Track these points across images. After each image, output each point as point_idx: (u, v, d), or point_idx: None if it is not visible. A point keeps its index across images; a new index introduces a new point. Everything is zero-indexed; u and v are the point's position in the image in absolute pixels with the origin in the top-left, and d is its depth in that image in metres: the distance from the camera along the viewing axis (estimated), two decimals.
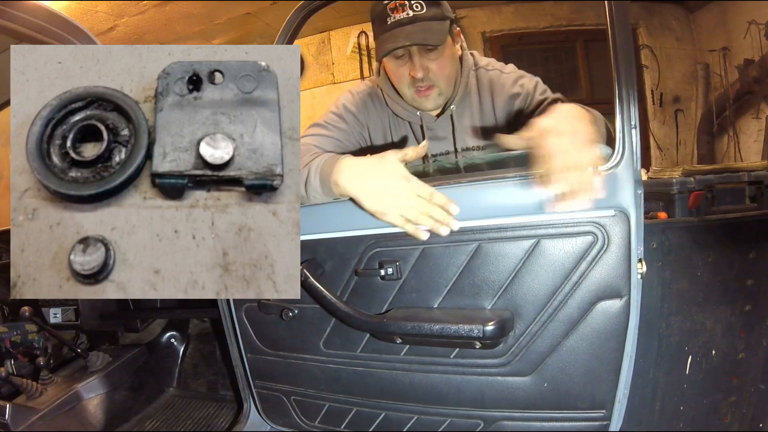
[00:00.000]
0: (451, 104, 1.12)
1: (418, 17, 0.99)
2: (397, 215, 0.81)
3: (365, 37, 3.68)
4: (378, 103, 1.20)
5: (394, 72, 1.09)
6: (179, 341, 1.86)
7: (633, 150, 0.75)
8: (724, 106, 3.30)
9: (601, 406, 0.82)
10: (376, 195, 0.81)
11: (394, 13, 1.00)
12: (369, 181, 0.82)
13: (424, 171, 1.13)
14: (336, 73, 3.81)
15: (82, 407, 1.45)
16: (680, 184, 1.07)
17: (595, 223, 0.76)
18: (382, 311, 0.91)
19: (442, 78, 1.07)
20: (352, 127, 1.17)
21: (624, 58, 0.76)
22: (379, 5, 1.03)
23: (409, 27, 0.99)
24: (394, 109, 1.16)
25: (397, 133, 1.20)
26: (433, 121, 1.14)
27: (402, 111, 1.15)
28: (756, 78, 3.02)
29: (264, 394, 1.15)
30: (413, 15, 0.99)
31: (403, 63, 1.05)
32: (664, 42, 3.52)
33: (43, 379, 1.45)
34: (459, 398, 0.91)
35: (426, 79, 1.05)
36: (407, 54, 1.04)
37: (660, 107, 3.56)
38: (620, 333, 0.78)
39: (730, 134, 3.30)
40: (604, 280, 0.77)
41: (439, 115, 1.15)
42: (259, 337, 1.09)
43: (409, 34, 0.99)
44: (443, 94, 1.10)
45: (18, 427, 1.27)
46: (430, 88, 1.07)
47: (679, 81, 3.55)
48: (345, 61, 3.78)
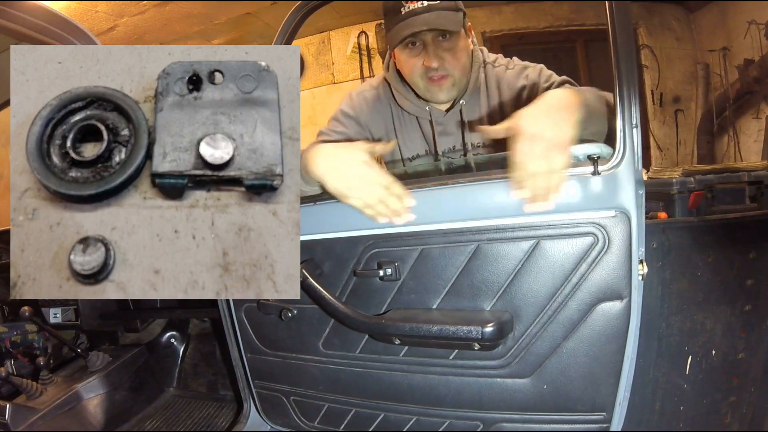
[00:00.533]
0: (460, 99, 1.12)
1: (432, 7, 1.00)
2: (358, 198, 0.82)
3: (365, 37, 3.68)
4: (380, 102, 1.20)
5: (405, 63, 1.09)
6: (179, 341, 1.86)
7: (634, 150, 0.74)
8: (724, 106, 3.30)
9: (601, 409, 0.82)
10: (340, 177, 0.83)
11: (409, 3, 1.01)
12: (334, 164, 0.84)
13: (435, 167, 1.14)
14: (336, 73, 3.81)
15: (82, 407, 1.45)
16: (680, 184, 1.06)
17: (595, 223, 0.76)
18: (381, 312, 0.91)
19: (457, 68, 1.07)
20: (353, 130, 1.18)
21: (625, 58, 0.75)
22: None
23: (425, 15, 1.00)
24: (402, 105, 1.16)
25: (403, 129, 1.20)
26: (442, 116, 1.14)
27: (410, 106, 1.15)
28: (756, 78, 3.01)
29: (264, 394, 1.15)
30: (428, 5, 1.00)
31: (417, 53, 1.06)
32: (664, 42, 3.52)
33: (43, 379, 1.45)
34: (458, 400, 0.91)
35: (441, 69, 1.05)
36: (421, 44, 1.04)
37: (660, 107, 3.55)
38: (621, 335, 0.78)
39: (730, 134, 3.30)
40: (604, 281, 0.77)
41: (448, 110, 1.14)
42: (259, 338, 1.09)
43: (426, 21, 1.00)
44: (456, 85, 1.09)
45: (18, 427, 1.27)
46: (444, 78, 1.07)
47: (679, 81, 3.55)
48: (345, 61, 3.78)
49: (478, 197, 0.82)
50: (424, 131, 1.19)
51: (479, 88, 1.15)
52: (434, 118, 1.14)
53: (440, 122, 1.15)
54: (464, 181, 0.84)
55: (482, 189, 0.82)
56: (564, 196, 0.76)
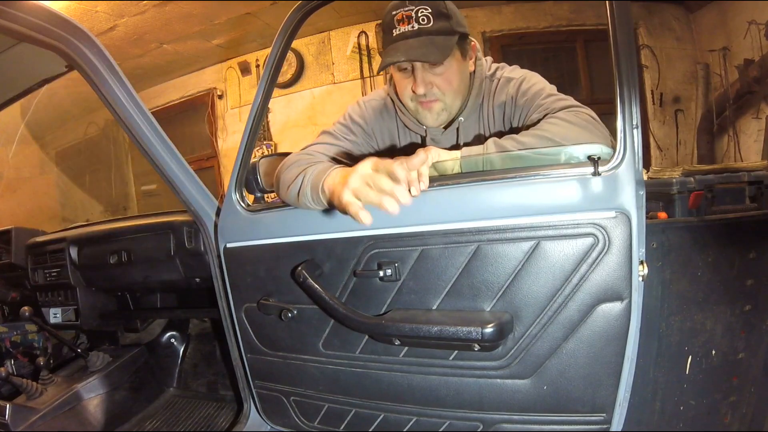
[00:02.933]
0: (459, 117, 1.10)
1: (422, 31, 0.97)
2: (348, 191, 0.77)
3: (365, 37, 3.67)
4: (387, 113, 1.19)
5: (398, 84, 1.08)
6: (179, 341, 1.86)
7: (634, 150, 0.74)
8: (724, 106, 3.29)
9: (601, 410, 0.82)
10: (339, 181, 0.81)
11: (399, 25, 0.98)
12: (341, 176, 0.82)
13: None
14: (336, 73, 3.80)
15: (82, 407, 1.45)
16: (680, 184, 1.06)
17: (595, 224, 0.76)
18: (381, 312, 0.91)
19: (448, 93, 1.04)
20: (360, 138, 1.17)
21: (625, 58, 0.75)
22: (388, 15, 1.01)
23: (412, 41, 0.97)
24: (403, 120, 1.16)
25: (406, 141, 1.19)
26: (440, 134, 1.13)
27: (409, 122, 1.14)
28: (756, 78, 3.01)
29: (264, 394, 1.15)
30: (418, 28, 0.97)
31: (407, 76, 1.04)
32: (664, 42, 3.51)
33: (43, 379, 1.46)
34: (458, 400, 0.91)
35: (429, 95, 1.03)
36: (410, 68, 1.02)
37: (660, 107, 3.55)
38: (621, 336, 0.78)
39: (730, 134, 3.30)
40: (604, 282, 0.77)
41: (446, 127, 1.13)
42: (259, 338, 1.09)
43: (409, 49, 0.97)
44: (447, 109, 1.07)
45: (18, 427, 1.27)
46: (433, 102, 1.05)
47: (679, 81, 3.55)
48: (345, 61, 3.77)
49: (479, 198, 0.82)
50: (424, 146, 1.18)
51: (482, 102, 1.12)
52: (431, 136, 1.13)
53: (437, 140, 1.14)
54: (465, 182, 0.84)
55: (482, 189, 0.82)
56: (564, 196, 0.76)
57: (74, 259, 1.57)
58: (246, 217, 1.05)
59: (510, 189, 0.80)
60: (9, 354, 1.71)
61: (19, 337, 1.72)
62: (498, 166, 0.84)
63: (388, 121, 1.19)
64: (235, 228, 1.07)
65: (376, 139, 1.19)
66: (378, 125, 1.19)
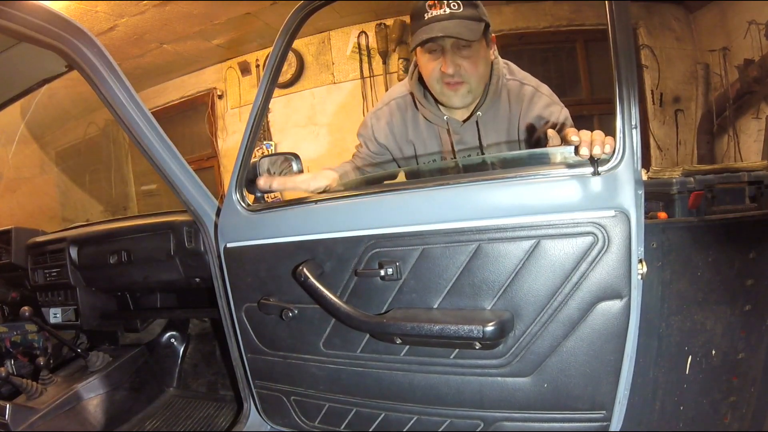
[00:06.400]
0: (478, 110, 1.15)
1: (455, 14, 1.04)
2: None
3: (365, 37, 3.67)
4: (392, 116, 1.26)
5: (425, 66, 1.13)
6: (179, 341, 1.86)
7: (634, 150, 0.75)
8: (724, 106, 3.30)
9: (601, 407, 0.82)
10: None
11: (432, 9, 1.05)
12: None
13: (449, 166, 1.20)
14: (336, 73, 3.80)
15: (82, 407, 1.45)
16: (680, 184, 1.06)
17: (595, 223, 0.76)
18: (382, 311, 0.91)
19: (474, 76, 1.10)
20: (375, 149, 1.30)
21: (624, 58, 0.76)
22: (419, 3, 1.07)
23: (445, 22, 1.03)
24: (423, 114, 1.21)
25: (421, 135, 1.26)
26: (459, 126, 1.18)
27: (430, 115, 1.20)
28: (756, 78, 3.01)
29: (264, 394, 1.15)
30: (450, 12, 1.04)
31: (436, 57, 1.09)
32: (664, 42, 3.52)
33: (43, 379, 1.46)
34: (459, 399, 0.91)
35: (456, 75, 1.08)
36: (440, 49, 1.07)
37: (660, 107, 3.55)
38: (620, 334, 0.78)
39: (730, 134, 3.30)
40: (604, 280, 0.77)
41: (465, 120, 1.18)
42: (259, 337, 1.09)
43: (444, 27, 1.03)
44: (472, 92, 1.13)
45: (18, 427, 1.27)
46: (459, 84, 1.10)
47: (679, 81, 3.55)
48: (345, 61, 3.77)
49: (479, 197, 0.82)
50: (443, 140, 1.23)
51: (499, 101, 1.18)
52: (451, 128, 1.19)
53: (457, 132, 1.20)
54: (465, 181, 0.84)
55: (483, 189, 0.82)
56: (564, 196, 0.77)
57: (74, 259, 1.57)
58: (246, 217, 1.05)
59: (510, 188, 0.80)
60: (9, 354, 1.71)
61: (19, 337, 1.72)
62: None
63: (393, 124, 1.26)
64: (236, 228, 1.07)
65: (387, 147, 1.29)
66: (384, 134, 1.27)
